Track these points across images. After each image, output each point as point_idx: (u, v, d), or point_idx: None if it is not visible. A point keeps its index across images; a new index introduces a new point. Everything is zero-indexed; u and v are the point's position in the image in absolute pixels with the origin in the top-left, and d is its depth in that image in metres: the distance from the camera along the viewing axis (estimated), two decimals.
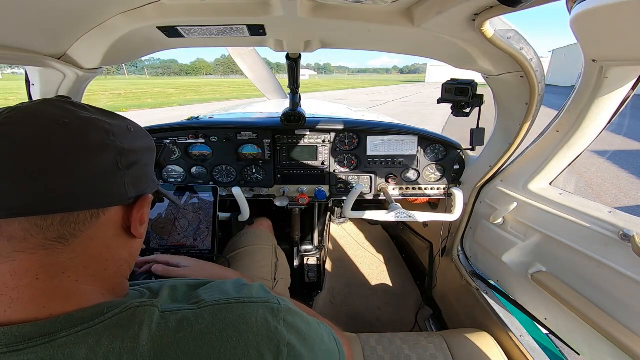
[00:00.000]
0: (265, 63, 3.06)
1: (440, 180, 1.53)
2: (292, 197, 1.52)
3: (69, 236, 0.39)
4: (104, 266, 0.44)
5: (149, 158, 0.51)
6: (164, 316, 0.42)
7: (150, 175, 0.52)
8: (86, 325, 0.37)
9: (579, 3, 0.61)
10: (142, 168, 0.49)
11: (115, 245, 0.46)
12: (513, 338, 1.17)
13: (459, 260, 1.52)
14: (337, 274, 2.23)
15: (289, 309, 0.50)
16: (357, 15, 0.77)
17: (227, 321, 0.44)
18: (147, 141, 0.51)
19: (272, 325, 0.46)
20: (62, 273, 0.39)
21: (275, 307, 0.49)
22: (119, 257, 0.47)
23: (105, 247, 0.44)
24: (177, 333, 0.40)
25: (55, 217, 0.38)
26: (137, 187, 0.47)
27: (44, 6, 0.65)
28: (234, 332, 0.43)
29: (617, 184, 4.93)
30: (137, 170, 0.47)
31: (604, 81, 0.79)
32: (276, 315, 0.47)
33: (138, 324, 0.40)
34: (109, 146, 0.42)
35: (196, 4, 0.73)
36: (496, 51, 0.82)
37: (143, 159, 0.49)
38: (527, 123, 1.03)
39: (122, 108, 14.75)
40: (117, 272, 0.47)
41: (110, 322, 0.39)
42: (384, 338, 1.18)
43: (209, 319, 0.43)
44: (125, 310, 0.40)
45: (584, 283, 0.92)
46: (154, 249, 1.18)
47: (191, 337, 0.41)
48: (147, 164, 0.51)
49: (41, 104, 0.41)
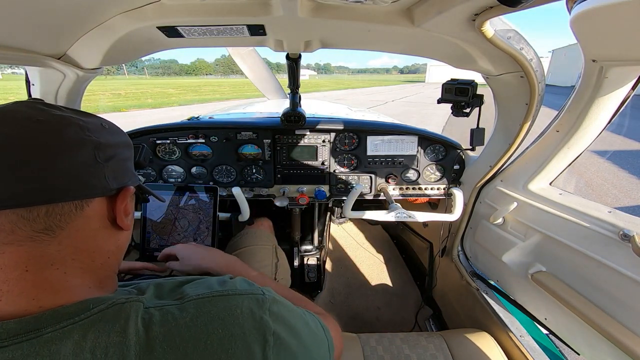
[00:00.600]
0: (265, 63, 3.06)
1: (440, 180, 1.53)
2: (292, 197, 1.52)
3: (56, 227, 0.40)
4: (91, 258, 0.45)
5: (126, 153, 0.53)
6: (147, 311, 0.42)
7: (129, 169, 0.53)
8: (71, 321, 0.38)
9: (579, 3, 0.61)
10: (121, 162, 0.50)
11: (102, 236, 0.47)
12: (513, 338, 1.17)
13: (459, 260, 1.51)
14: (337, 274, 2.23)
15: (274, 299, 0.51)
16: (357, 15, 0.77)
17: (211, 314, 0.44)
18: (122, 137, 0.53)
19: (257, 316, 0.46)
20: (50, 265, 0.40)
21: (260, 297, 0.49)
22: (106, 249, 0.48)
23: (91, 238, 0.45)
24: (161, 327, 0.41)
25: (40, 208, 0.39)
26: (117, 180, 0.48)
27: (44, 6, 0.65)
28: (219, 324, 0.43)
29: (617, 184, 4.93)
30: (115, 164, 0.48)
31: (604, 81, 0.79)
32: (261, 306, 0.48)
33: (124, 318, 0.40)
34: (86, 141, 0.44)
35: (196, 4, 0.73)
36: (496, 51, 0.82)
37: (120, 153, 0.50)
38: (527, 123, 1.03)
39: (122, 108, 14.76)
40: (104, 264, 0.48)
41: (96, 317, 0.39)
42: (384, 338, 1.18)
43: (193, 312, 0.44)
44: (111, 306, 0.41)
45: (584, 283, 0.92)
46: (154, 249, 1.18)
47: (176, 331, 0.41)
48: (125, 158, 0.52)
49: (14, 104, 0.42)
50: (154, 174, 1.48)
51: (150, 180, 1.49)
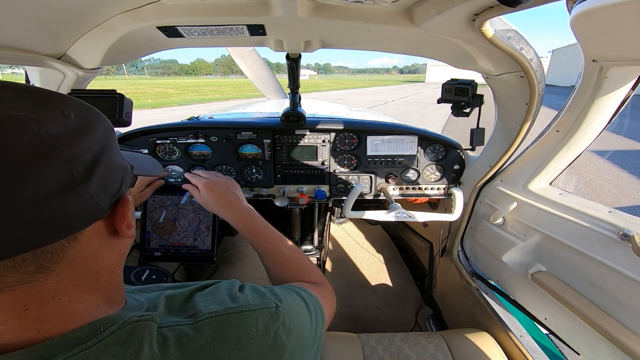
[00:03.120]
0: (265, 63, 3.06)
1: (440, 180, 1.53)
2: (292, 197, 1.52)
3: (49, 264, 0.34)
4: (95, 278, 0.41)
5: (110, 143, 0.39)
6: (161, 332, 0.41)
7: (119, 165, 0.41)
8: (83, 347, 0.35)
9: (579, 3, 0.61)
10: (107, 163, 0.38)
11: (104, 255, 0.42)
12: (513, 338, 1.17)
13: (459, 260, 1.52)
14: (337, 274, 2.23)
15: (288, 311, 0.51)
16: (357, 15, 0.77)
17: (227, 334, 0.43)
18: (99, 125, 0.38)
19: (271, 333, 0.46)
20: (52, 297, 0.36)
21: (273, 311, 0.49)
22: (109, 263, 0.43)
23: (93, 260, 0.40)
24: (177, 349, 0.40)
25: (24, 254, 0.32)
26: (109, 191, 0.38)
27: (43, 6, 0.65)
28: (235, 345, 0.43)
29: (617, 184, 4.93)
30: (101, 171, 0.36)
31: (604, 81, 0.79)
32: (275, 321, 0.48)
33: (138, 340, 0.38)
34: (50, 155, 0.31)
35: (196, 3, 0.73)
36: (496, 51, 0.82)
37: (102, 150, 0.37)
38: (527, 123, 1.03)
39: None
40: (110, 279, 0.44)
41: (108, 340, 0.37)
42: (384, 338, 1.18)
43: (208, 332, 0.43)
44: (123, 326, 0.39)
45: (584, 283, 0.92)
46: (154, 249, 1.18)
47: (192, 353, 0.40)
48: (111, 152, 0.39)
49: None
50: None
51: None
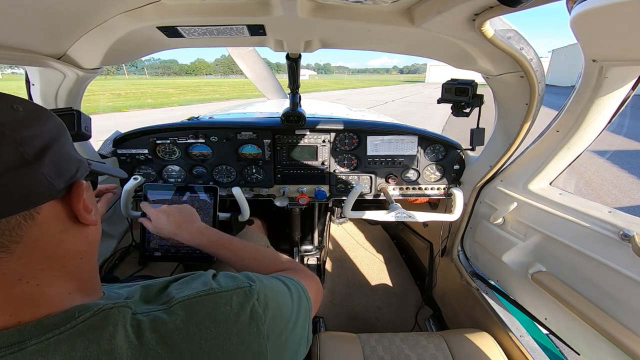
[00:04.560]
0: (265, 63, 3.06)
1: (440, 180, 1.53)
2: (292, 197, 1.52)
3: (9, 243, 0.35)
4: (62, 263, 0.41)
5: (62, 138, 0.43)
6: (135, 318, 0.41)
7: (72, 156, 0.45)
8: (57, 331, 0.36)
9: (579, 3, 0.61)
10: (59, 151, 0.41)
11: (67, 239, 0.42)
12: (513, 338, 1.17)
13: (459, 260, 1.52)
14: (337, 274, 2.23)
15: (262, 288, 0.51)
16: (357, 15, 0.77)
17: (201, 314, 0.44)
18: (49, 119, 0.42)
19: (247, 309, 0.47)
20: (18, 280, 0.37)
21: (246, 290, 0.49)
22: (76, 250, 0.43)
23: (56, 244, 0.40)
24: (152, 332, 0.40)
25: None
26: (63, 175, 0.41)
27: (43, 6, 0.65)
28: (210, 323, 0.43)
29: (617, 184, 4.93)
30: (53, 157, 0.40)
31: (604, 81, 0.79)
32: (250, 297, 0.48)
33: (112, 325, 0.39)
34: (0, 139, 0.35)
35: (196, 4, 0.73)
36: (496, 51, 0.82)
37: (55, 140, 0.41)
38: (527, 123, 1.03)
39: (122, 108, 14.76)
40: (79, 267, 0.44)
41: (83, 326, 0.37)
42: (384, 338, 1.18)
43: (182, 314, 0.43)
44: (97, 312, 0.39)
45: (584, 283, 0.92)
46: (154, 249, 1.18)
47: (168, 334, 0.40)
48: (63, 144, 0.43)
49: None
50: (154, 174, 1.48)
51: (150, 180, 1.49)
